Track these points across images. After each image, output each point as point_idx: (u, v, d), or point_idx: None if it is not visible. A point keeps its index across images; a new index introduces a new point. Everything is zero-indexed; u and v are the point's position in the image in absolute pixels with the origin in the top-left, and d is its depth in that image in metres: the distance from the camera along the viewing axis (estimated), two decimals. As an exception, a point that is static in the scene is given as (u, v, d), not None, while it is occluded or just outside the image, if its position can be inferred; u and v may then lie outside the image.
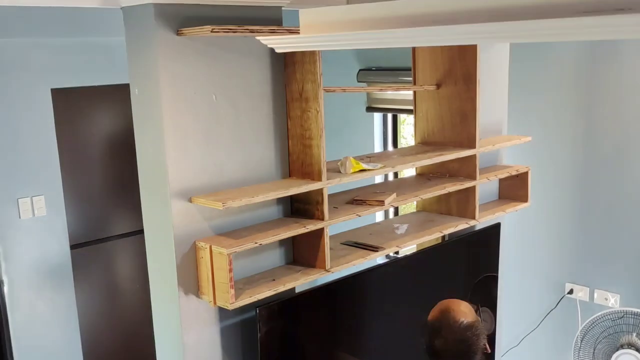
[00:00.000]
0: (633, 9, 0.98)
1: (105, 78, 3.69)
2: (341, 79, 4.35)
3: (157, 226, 2.12)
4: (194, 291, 2.11)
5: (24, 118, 3.47)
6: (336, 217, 2.25)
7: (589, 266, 3.37)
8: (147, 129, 2.07)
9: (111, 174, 3.94)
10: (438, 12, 1.32)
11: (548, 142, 3.37)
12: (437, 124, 2.81)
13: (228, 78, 2.12)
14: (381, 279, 2.58)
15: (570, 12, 1.08)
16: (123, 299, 4.12)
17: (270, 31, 1.96)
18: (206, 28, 1.85)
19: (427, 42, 1.83)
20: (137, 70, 2.06)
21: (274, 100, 2.25)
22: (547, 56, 3.38)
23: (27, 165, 3.51)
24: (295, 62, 2.19)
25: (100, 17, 3.45)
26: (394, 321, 2.65)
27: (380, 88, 2.59)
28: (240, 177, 2.19)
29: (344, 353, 2.53)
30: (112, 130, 3.92)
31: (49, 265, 3.65)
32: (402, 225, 2.72)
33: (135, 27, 2.02)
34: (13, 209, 3.48)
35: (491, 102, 2.96)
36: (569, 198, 3.40)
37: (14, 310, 3.54)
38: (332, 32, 1.58)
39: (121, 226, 4.04)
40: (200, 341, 2.15)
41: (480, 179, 2.73)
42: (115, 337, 4.10)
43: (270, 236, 2.08)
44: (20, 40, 3.41)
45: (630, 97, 3.10)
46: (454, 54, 2.68)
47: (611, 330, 2.91)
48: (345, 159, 2.33)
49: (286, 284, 2.15)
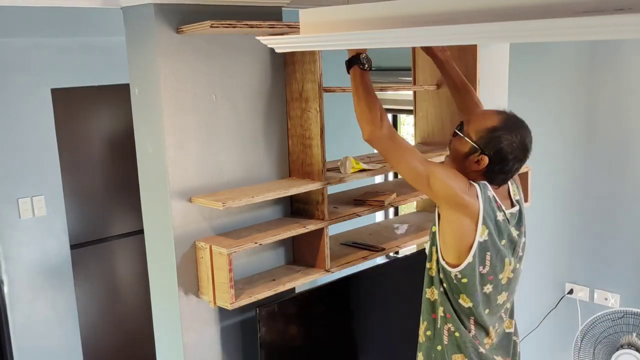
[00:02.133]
0: (633, 9, 0.99)
1: (105, 78, 3.69)
2: (341, 79, 4.35)
3: (157, 226, 2.12)
4: (194, 291, 2.11)
5: (24, 118, 3.46)
6: (336, 217, 2.25)
7: (589, 266, 3.37)
8: (147, 129, 2.07)
9: (111, 174, 3.94)
10: (438, 12, 1.32)
11: (548, 142, 3.37)
12: (437, 124, 2.81)
13: (228, 78, 2.12)
14: (381, 279, 2.58)
15: (570, 12, 1.08)
16: (123, 299, 4.11)
17: (269, 26, 1.96)
18: (206, 24, 1.85)
19: (427, 42, 1.83)
20: (137, 70, 2.06)
21: (274, 100, 2.25)
22: (547, 56, 3.38)
23: (27, 165, 3.51)
24: (295, 62, 2.19)
25: (100, 17, 3.45)
26: (393, 321, 2.64)
27: (380, 88, 2.58)
28: (240, 177, 2.19)
29: (344, 353, 2.53)
30: (112, 130, 3.92)
31: (49, 265, 3.65)
32: (402, 225, 2.72)
33: (135, 27, 2.02)
34: (13, 209, 3.48)
35: (491, 102, 2.96)
36: (569, 198, 3.40)
37: (14, 310, 3.54)
38: (332, 32, 1.58)
39: (121, 226, 4.04)
40: (200, 341, 2.15)
41: (480, 179, 2.72)
42: (115, 337, 4.10)
43: (270, 236, 2.08)
44: (20, 40, 3.41)
45: (630, 97, 3.10)
46: (454, 54, 2.68)
47: (611, 330, 2.91)
48: (345, 159, 2.32)
49: (286, 284, 2.15)
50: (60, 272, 3.70)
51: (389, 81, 4.15)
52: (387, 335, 2.63)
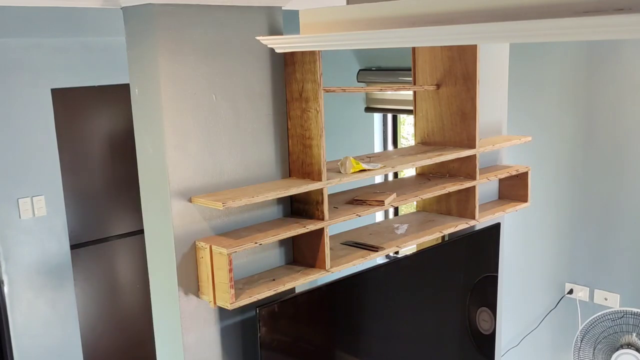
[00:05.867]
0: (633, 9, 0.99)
1: (105, 78, 3.70)
2: (341, 79, 4.36)
3: (157, 226, 2.12)
4: (194, 291, 2.11)
5: (24, 118, 3.47)
6: (336, 217, 2.25)
7: (589, 266, 3.37)
8: (147, 129, 2.07)
9: (111, 174, 3.94)
10: (438, 12, 1.32)
11: (548, 142, 3.38)
12: (437, 124, 2.81)
13: (228, 78, 2.12)
14: (381, 279, 2.58)
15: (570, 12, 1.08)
16: (123, 299, 4.12)
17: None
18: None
19: (427, 42, 1.83)
20: (137, 70, 2.06)
21: (274, 100, 2.25)
22: (547, 56, 3.38)
23: (27, 165, 3.51)
24: (295, 62, 2.19)
25: (100, 17, 3.45)
26: (393, 321, 2.65)
27: (380, 88, 2.59)
28: (240, 177, 2.19)
29: (344, 353, 2.53)
30: (112, 130, 3.92)
31: (49, 265, 3.65)
32: (402, 225, 2.72)
33: (135, 27, 2.02)
34: (13, 209, 3.48)
35: (491, 102, 2.96)
36: (569, 198, 3.40)
37: (14, 310, 3.54)
38: (332, 32, 1.58)
39: (121, 226, 4.04)
40: (200, 341, 2.15)
41: (480, 179, 2.73)
42: (115, 337, 4.10)
43: (270, 236, 2.08)
44: (20, 40, 3.41)
45: (630, 97, 3.11)
46: (453, 54, 2.68)
47: (611, 330, 2.91)
48: (345, 159, 2.33)
49: (286, 284, 2.15)
50: (60, 272, 3.71)
51: (389, 81, 4.16)
52: (387, 335, 2.63)
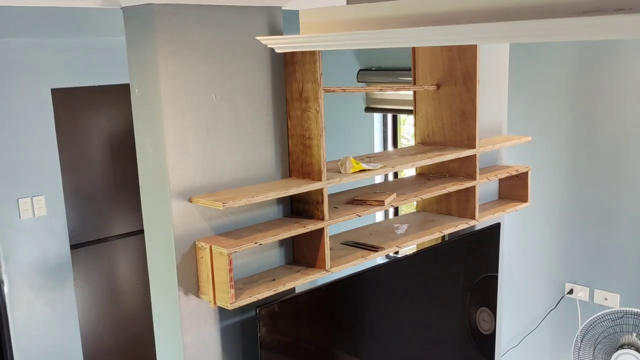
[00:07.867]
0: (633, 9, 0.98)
1: (105, 78, 3.70)
2: (341, 79, 4.36)
3: (157, 226, 2.12)
4: (194, 291, 2.11)
5: (24, 118, 3.47)
6: (336, 217, 2.25)
7: (589, 266, 3.37)
8: (147, 129, 2.07)
9: (111, 174, 3.95)
10: (438, 12, 1.32)
11: (548, 142, 3.38)
12: (437, 124, 2.81)
13: (228, 78, 2.12)
14: (381, 279, 2.58)
15: (570, 12, 1.08)
16: (123, 299, 4.12)
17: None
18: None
19: (427, 42, 1.83)
20: (137, 70, 2.06)
21: (274, 100, 2.25)
22: (547, 56, 3.38)
23: (27, 165, 3.51)
24: (295, 62, 2.19)
25: (100, 17, 3.45)
26: (394, 321, 2.65)
27: (380, 88, 2.59)
28: (240, 177, 2.19)
29: (344, 353, 2.53)
30: (112, 130, 3.93)
31: (49, 265, 3.65)
32: (402, 225, 2.72)
33: (135, 27, 2.02)
34: (13, 209, 3.48)
35: (491, 102, 2.96)
36: (568, 198, 3.40)
37: (14, 310, 3.54)
38: (332, 32, 1.58)
39: (121, 226, 4.04)
40: (200, 341, 2.15)
41: (480, 179, 2.73)
42: (115, 337, 4.10)
43: (270, 236, 2.08)
44: (20, 40, 3.41)
45: (630, 97, 3.11)
46: (453, 54, 2.68)
47: (611, 330, 2.91)
48: (345, 159, 2.33)
49: (286, 284, 2.15)
50: (60, 272, 3.71)
51: (389, 81, 4.16)
52: (388, 335, 2.63)
